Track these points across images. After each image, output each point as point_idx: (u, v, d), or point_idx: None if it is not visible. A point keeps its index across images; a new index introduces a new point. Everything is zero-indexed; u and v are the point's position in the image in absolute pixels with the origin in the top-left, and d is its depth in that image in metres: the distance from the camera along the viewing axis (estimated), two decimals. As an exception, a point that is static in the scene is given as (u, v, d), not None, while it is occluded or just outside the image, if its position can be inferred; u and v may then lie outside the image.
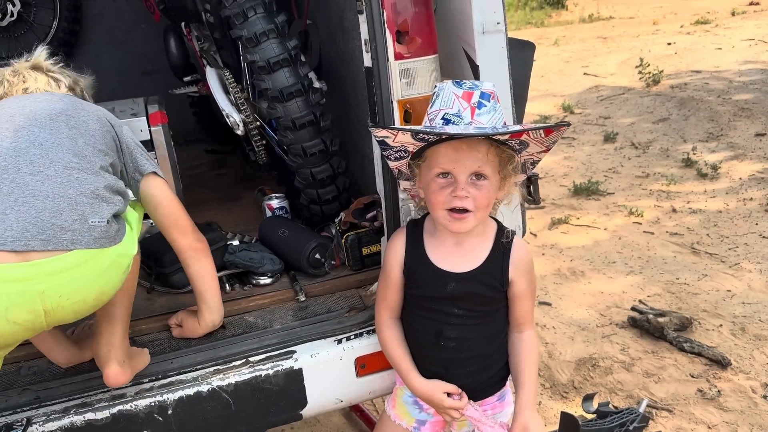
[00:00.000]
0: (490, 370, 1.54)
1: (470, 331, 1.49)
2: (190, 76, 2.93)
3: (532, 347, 1.52)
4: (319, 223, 2.12)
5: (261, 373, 1.61)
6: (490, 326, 1.51)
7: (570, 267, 3.62)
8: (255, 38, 1.83)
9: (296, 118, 1.87)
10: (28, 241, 1.25)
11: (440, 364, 1.51)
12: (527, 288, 1.50)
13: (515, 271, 1.47)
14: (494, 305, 1.50)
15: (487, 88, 1.36)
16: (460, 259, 1.47)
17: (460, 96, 1.34)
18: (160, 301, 1.88)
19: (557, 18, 12.63)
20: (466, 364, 1.51)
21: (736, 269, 3.42)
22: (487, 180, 1.36)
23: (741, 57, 7.79)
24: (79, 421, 1.50)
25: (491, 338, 1.52)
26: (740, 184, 4.47)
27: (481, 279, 1.46)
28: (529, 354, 1.51)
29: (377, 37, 1.58)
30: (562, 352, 2.89)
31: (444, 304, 1.48)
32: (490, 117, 1.34)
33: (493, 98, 1.35)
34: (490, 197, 1.39)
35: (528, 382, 1.48)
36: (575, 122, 6.27)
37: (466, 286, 1.46)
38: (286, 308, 1.83)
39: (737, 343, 2.83)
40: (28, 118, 1.40)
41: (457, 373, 1.51)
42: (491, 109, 1.34)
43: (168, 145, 2.16)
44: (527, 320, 1.52)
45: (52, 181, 1.31)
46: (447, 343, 1.49)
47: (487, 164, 1.35)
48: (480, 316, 1.49)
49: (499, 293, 1.48)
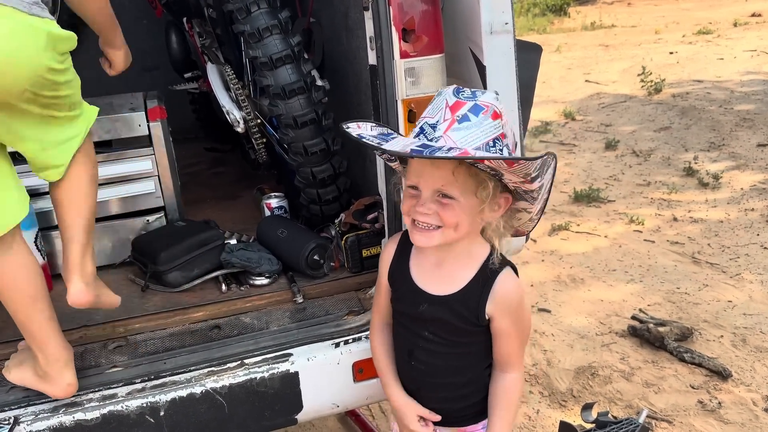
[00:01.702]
0: (465, 400, 1.42)
1: (439, 359, 1.38)
2: (191, 73, 2.90)
3: (509, 391, 1.37)
4: (319, 223, 2.09)
5: (256, 375, 1.57)
6: (463, 358, 1.38)
7: (570, 274, 3.59)
8: (258, 34, 1.79)
9: (298, 115, 1.83)
10: None
11: (412, 382, 1.44)
12: (511, 328, 1.33)
13: (495, 307, 1.31)
14: (466, 338, 1.36)
15: (484, 101, 1.22)
16: (438, 280, 1.35)
17: (450, 105, 1.22)
18: (154, 300, 1.85)
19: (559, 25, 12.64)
20: (437, 388, 1.41)
21: (737, 280, 3.39)
22: (454, 200, 1.24)
23: (743, 68, 7.79)
24: (68, 421, 1.47)
25: (464, 370, 1.39)
26: (742, 194, 4.45)
27: (454, 307, 1.33)
28: (505, 398, 1.37)
29: (383, 34, 1.54)
30: (560, 359, 2.86)
31: (415, 324, 1.39)
32: (467, 134, 1.19)
33: (486, 113, 1.21)
34: (459, 218, 1.25)
35: (497, 426, 1.36)
36: (576, 129, 6.25)
37: (437, 311, 1.34)
38: (283, 310, 1.79)
39: (738, 355, 2.80)
40: None
41: (429, 395, 1.42)
42: (474, 125, 1.20)
43: (167, 141, 2.12)
44: (511, 362, 1.37)
45: None
46: (417, 365, 1.40)
47: (453, 184, 1.22)
48: (449, 345, 1.36)
49: (474, 327, 1.33)
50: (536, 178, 1.21)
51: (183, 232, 1.99)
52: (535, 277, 3.58)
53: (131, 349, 1.66)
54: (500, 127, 1.22)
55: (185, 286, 1.88)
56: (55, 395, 1.50)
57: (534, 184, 1.23)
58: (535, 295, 3.40)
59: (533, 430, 2.47)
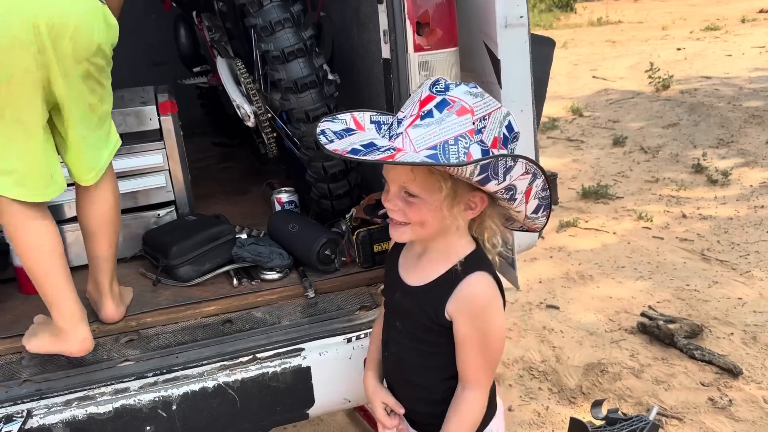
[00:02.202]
0: (426, 404, 1.34)
1: (405, 353, 1.34)
2: (200, 67, 2.89)
3: (465, 409, 1.27)
4: (329, 218, 2.08)
5: (268, 370, 1.57)
6: (428, 358, 1.31)
7: (578, 270, 3.57)
8: (270, 27, 1.78)
9: (310, 109, 1.83)
10: None
11: (387, 375, 1.41)
12: (472, 336, 1.23)
13: (456, 307, 1.24)
14: (429, 335, 1.29)
15: (452, 96, 1.15)
16: (416, 271, 1.32)
17: (422, 99, 1.17)
18: (165, 294, 1.84)
19: (566, 21, 12.59)
20: (404, 386, 1.37)
21: (747, 277, 3.37)
22: (418, 198, 1.19)
23: (751, 64, 7.74)
24: (80, 415, 1.47)
25: (427, 372, 1.32)
26: (751, 191, 4.43)
27: (420, 300, 1.29)
28: (459, 414, 1.27)
29: (397, 27, 1.53)
30: (570, 356, 2.85)
31: (390, 313, 1.38)
32: (425, 132, 1.14)
33: (451, 109, 1.14)
34: (424, 216, 1.20)
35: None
36: (584, 125, 6.23)
37: (405, 301, 1.32)
38: (294, 304, 1.79)
39: (749, 352, 2.78)
40: None
41: (399, 392, 1.38)
42: (435, 122, 1.14)
43: (177, 135, 2.12)
44: (469, 377, 1.26)
45: None
46: (389, 356, 1.38)
47: (413, 183, 1.18)
48: (416, 340, 1.31)
49: (434, 324, 1.27)
50: (488, 181, 1.13)
51: (194, 226, 1.99)
52: (544, 273, 3.57)
53: (143, 343, 1.66)
54: (468, 124, 1.14)
55: (197, 280, 1.88)
56: (71, 352, 1.54)
57: (489, 187, 1.15)
58: (544, 291, 3.39)
59: (542, 426, 2.46)
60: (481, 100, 1.16)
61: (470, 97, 1.16)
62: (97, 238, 1.66)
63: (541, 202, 1.25)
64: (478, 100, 1.16)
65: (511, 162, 1.14)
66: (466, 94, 1.16)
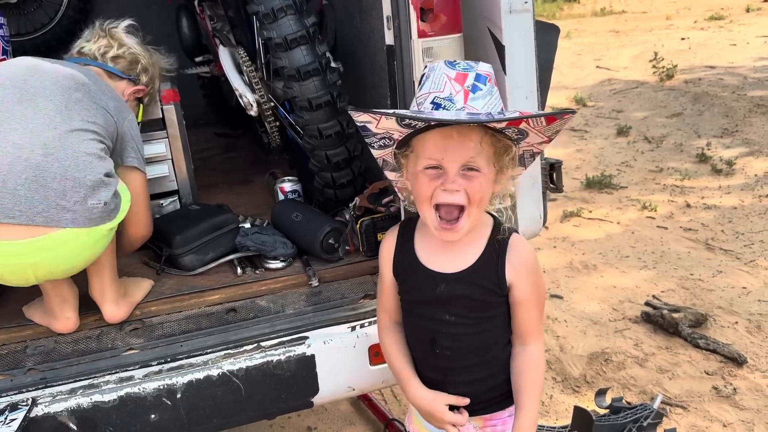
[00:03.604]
0: (493, 380, 1.38)
1: (464, 340, 1.34)
2: (202, 57, 2.88)
3: (536, 365, 1.34)
4: (333, 207, 2.07)
5: (273, 358, 1.57)
6: (488, 335, 1.35)
7: (582, 260, 3.57)
8: (272, 14, 1.77)
9: (313, 97, 1.81)
10: (33, 217, 1.43)
11: (437, 371, 1.38)
12: (531, 293, 1.32)
13: (513, 272, 1.30)
14: (490, 311, 1.33)
15: (483, 70, 1.22)
16: (450, 258, 1.32)
17: (452, 78, 1.20)
18: (169, 283, 1.84)
19: (569, 11, 12.52)
20: (463, 372, 1.36)
21: (751, 266, 3.36)
22: (480, 172, 1.21)
23: (756, 53, 7.69)
24: (85, 403, 1.47)
25: (488, 348, 1.36)
26: (756, 180, 4.41)
27: (474, 280, 1.30)
28: (532, 372, 1.33)
29: (400, 13, 1.52)
30: (574, 345, 2.85)
31: (434, 309, 1.34)
32: (486, 102, 1.19)
33: (490, 81, 1.22)
34: (484, 191, 1.23)
35: (528, 404, 1.32)
36: (588, 115, 6.20)
37: (456, 288, 1.31)
38: (298, 293, 1.78)
39: (753, 341, 2.78)
40: (47, 98, 1.52)
41: (456, 380, 1.37)
42: (487, 93, 1.20)
43: (180, 124, 2.11)
44: (532, 331, 1.34)
45: (61, 163, 1.46)
46: (442, 351, 1.35)
47: (480, 155, 1.20)
48: (473, 323, 1.33)
49: (497, 297, 1.31)
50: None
51: (197, 215, 1.98)
52: (548, 263, 3.56)
53: (147, 331, 1.66)
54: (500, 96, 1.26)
55: (200, 269, 1.88)
56: (56, 329, 1.65)
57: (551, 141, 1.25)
58: (548, 281, 3.38)
59: (547, 415, 2.46)
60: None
61: (492, 71, 1.25)
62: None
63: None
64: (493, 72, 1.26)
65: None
66: (490, 69, 1.24)
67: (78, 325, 1.66)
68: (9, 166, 1.41)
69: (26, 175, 1.42)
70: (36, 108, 1.49)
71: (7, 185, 1.41)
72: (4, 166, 1.41)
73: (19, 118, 1.47)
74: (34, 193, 1.42)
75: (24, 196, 1.41)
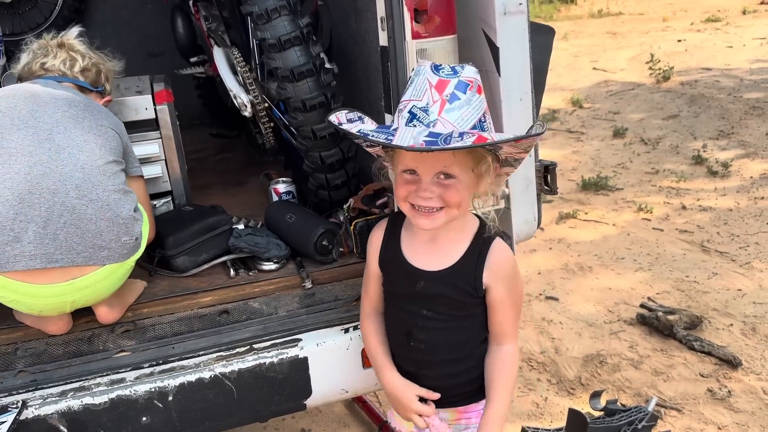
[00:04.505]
0: (465, 375, 1.41)
1: (439, 336, 1.37)
2: (197, 57, 2.87)
3: (509, 363, 1.37)
4: (327, 209, 2.07)
5: (265, 360, 1.56)
6: (462, 332, 1.38)
7: (577, 262, 3.56)
8: (266, 14, 1.76)
9: (307, 98, 1.81)
10: (74, 258, 1.50)
11: (412, 363, 1.42)
12: (506, 297, 1.34)
13: (491, 275, 1.32)
14: (466, 310, 1.36)
15: (467, 76, 1.20)
16: (433, 256, 1.35)
17: (434, 85, 1.19)
18: (162, 284, 1.83)
19: (566, 12, 12.53)
20: (437, 366, 1.40)
21: (746, 268, 3.36)
22: (455, 179, 1.23)
23: (752, 56, 7.70)
24: (76, 406, 1.46)
25: (463, 344, 1.39)
26: (751, 182, 4.41)
27: (452, 280, 1.33)
28: (505, 370, 1.36)
29: (394, 14, 1.51)
30: (569, 347, 2.84)
31: (413, 303, 1.38)
32: (461, 114, 1.18)
33: (472, 89, 1.20)
34: (461, 196, 1.25)
35: (497, 399, 1.35)
36: (584, 116, 6.20)
37: (435, 286, 1.34)
38: (291, 295, 1.78)
39: (748, 343, 2.77)
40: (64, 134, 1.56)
41: (428, 374, 1.41)
42: (465, 103, 1.18)
43: (173, 125, 2.10)
44: (507, 333, 1.37)
45: (94, 204, 1.52)
46: (417, 344, 1.39)
47: (454, 163, 1.22)
48: (449, 320, 1.36)
49: (473, 298, 1.34)
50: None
51: (191, 216, 1.97)
52: (543, 265, 3.55)
53: (139, 333, 1.65)
54: (484, 101, 1.23)
55: (193, 270, 1.87)
56: (48, 331, 1.65)
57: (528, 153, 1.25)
58: (543, 283, 3.38)
59: (541, 417, 2.46)
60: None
61: (479, 76, 1.23)
62: None
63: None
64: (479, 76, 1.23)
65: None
66: (476, 74, 1.23)
67: (71, 326, 1.66)
68: (48, 213, 1.47)
69: (64, 220, 1.48)
70: (58, 149, 1.52)
71: (48, 231, 1.47)
72: (43, 212, 1.47)
73: (46, 162, 1.50)
74: (73, 236, 1.49)
75: (64, 239, 1.48)
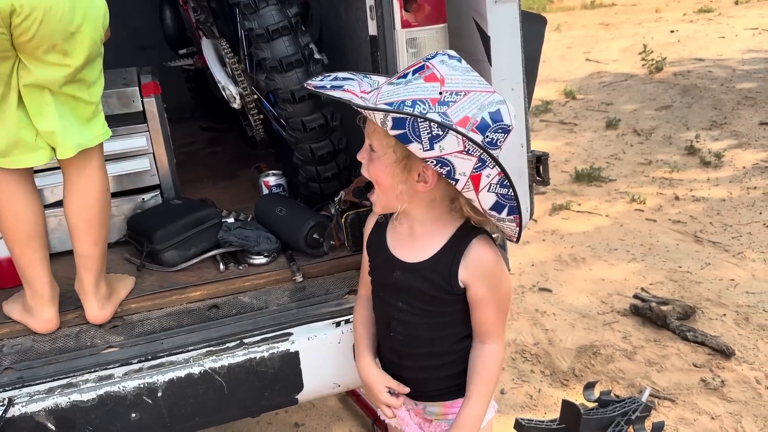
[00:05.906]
0: (447, 369, 1.38)
1: (415, 329, 1.35)
2: (186, 49, 2.83)
3: (490, 362, 1.32)
4: (318, 201, 2.04)
5: (256, 355, 1.54)
6: (440, 328, 1.34)
7: (571, 253, 3.56)
8: (254, 4, 1.74)
9: (296, 89, 1.78)
10: None
11: (393, 352, 1.41)
12: (488, 296, 1.29)
13: (469, 273, 1.27)
14: (441, 306, 1.32)
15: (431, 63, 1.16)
16: (413, 248, 1.32)
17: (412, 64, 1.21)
18: (150, 279, 1.81)
19: (559, 4, 12.49)
20: (417, 358, 1.38)
21: (739, 258, 3.36)
22: (375, 153, 1.22)
23: (744, 46, 7.70)
24: (64, 402, 1.44)
25: (442, 340, 1.35)
26: (744, 172, 4.41)
27: (426, 274, 1.29)
28: (485, 368, 1.32)
29: (383, 3, 1.49)
30: (562, 339, 2.84)
31: (390, 293, 1.37)
32: (393, 89, 1.15)
33: (422, 74, 1.14)
34: (379, 175, 1.23)
35: (474, 397, 1.32)
36: (577, 108, 6.19)
37: (409, 278, 1.31)
38: (282, 289, 1.76)
39: (741, 333, 2.78)
40: None
41: (409, 365, 1.39)
42: (403, 84, 1.15)
43: (161, 117, 2.07)
44: (489, 332, 1.32)
45: None
46: (396, 336, 1.38)
47: (373, 135, 1.21)
48: (424, 315, 1.33)
49: (448, 294, 1.30)
50: (408, 141, 1.11)
51: (179, 210, 1.95)
52: (536, 256, 3.55)
53: (128, 329, 1.63)
54: (433, 92, 1.12)
55: (182, 265, 1.85)
56: (35, 329, 1.60)
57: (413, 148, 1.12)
58: (536, 274, 3.38)
59: (535, 409, 2.45)
60: (461, 75, 1.15)
61: (445, 68, 1.15)
62: (83, 234, 1.60)
63: (502, 200, 1.19)
64: (456, 73, 1.15)
65: (437, 129, 1.08)
66: (441, 64, 1.16)
67: (58, 326, 1.63)
68: None
69: None
70: None
71: None
72: None
73: None
74: None
75: None
